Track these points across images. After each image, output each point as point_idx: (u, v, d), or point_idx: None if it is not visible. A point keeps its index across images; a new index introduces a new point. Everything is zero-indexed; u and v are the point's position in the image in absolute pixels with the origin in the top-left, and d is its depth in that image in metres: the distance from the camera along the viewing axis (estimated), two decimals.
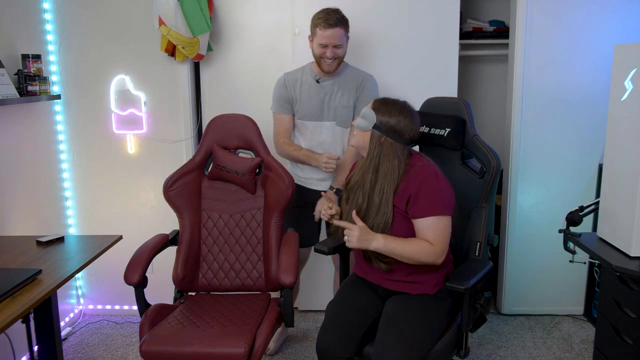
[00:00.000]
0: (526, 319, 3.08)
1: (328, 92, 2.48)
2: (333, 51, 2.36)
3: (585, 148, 2.91)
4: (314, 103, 2.48)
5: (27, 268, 1.83)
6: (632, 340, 1.87)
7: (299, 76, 2.51)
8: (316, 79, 2.48)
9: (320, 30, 2.34)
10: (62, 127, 3.00)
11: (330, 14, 2.34)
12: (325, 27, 2.33)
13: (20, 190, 2.65)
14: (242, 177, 2.43)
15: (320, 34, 2.34)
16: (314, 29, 2.39)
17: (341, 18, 2.37)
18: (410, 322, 1.80)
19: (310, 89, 2.49)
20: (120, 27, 2.90)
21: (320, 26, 2.34)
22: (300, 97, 2.50)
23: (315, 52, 2.41)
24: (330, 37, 2.34)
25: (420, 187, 1.81)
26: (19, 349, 2.47)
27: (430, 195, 1.81)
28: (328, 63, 2.39)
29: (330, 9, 2.37)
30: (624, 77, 1.87)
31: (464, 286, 1.75)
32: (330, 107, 2.49)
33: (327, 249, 2.10)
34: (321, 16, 2.35)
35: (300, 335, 2.93)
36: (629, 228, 1.84)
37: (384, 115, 1.85)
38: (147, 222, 3.04)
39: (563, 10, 2.80)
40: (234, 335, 1.96)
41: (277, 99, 2.54)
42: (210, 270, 2.44)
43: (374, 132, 1.86)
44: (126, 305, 3.18)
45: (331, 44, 2.35)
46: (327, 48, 2.35)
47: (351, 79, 2.49)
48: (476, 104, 3.57)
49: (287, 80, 2.51)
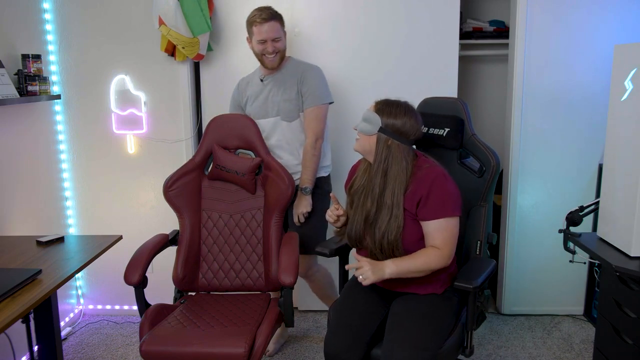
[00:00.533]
0: (526, 319, 3.08)
1: (269, 89, 2.52)
2: (273, 45, 2.41)
3: (585, 148, 2.91)
4: (259, 101, 2.54)
5: (27, 268, 1.83)
6: (632, 340, 1.87)
7: (250, 78, 2.61)
8: (260, 78, 2.55)
9: (256, 27, 2.40)
10: (62, 127, 3.00)
11: (263, 10, 2.41)
12: (261, 22, 2.38)
13: (20, 190, 2.65)
14: (242, 177, 2.43)
15: (257, 30, 2.40)
16: (250, 27, 2.44)
17: (275, 12, 2.43)
18: (420, 322, 1.79)
19: (256, 88, 2.56)
20: (120, 27, 2.90)
21: (255, 23, 2.40)
22: (249, 98, 2.58)
23: (256, 50, 2.46)
24: (268, 32, 2.39)
25: (430, 188, 1.80)
26: (19, 349, 2.47)
27: (440, 196, 1.80)
28: (270, 59, 2.44)
29: (263, 6, 2.44)
30: (624, 77, 1.87)
31: (472, 285, 1.77)
32: (273, 102, 2.52)
33: (328, 252, 2.09)
34: (255, 13, 2.42)
35: (300, 335, 2.93)
36: (629, 228, 1.84)
37: (389, 118, 1.84)
38: (147, 222, 3.04)
39: (563, 10, 2.80)
40: (234, 335, 1.96)
41: (230, 101, 2.67)
42: (210, 270, 2.45)
43: (380, 135, 1.84)
44: (126, 305, 3.18)
45: (269, 38, 2.40)
46: (266, 43, 2.41)
47: (292, 72, 2.51)
48: (476, 104, 3.58)
49: (240, 83, 2.63)
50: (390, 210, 1.83)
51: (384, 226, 1.83)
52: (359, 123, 1.89)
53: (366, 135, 1.87)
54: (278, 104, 2.51)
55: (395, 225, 1.82)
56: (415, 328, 1.76)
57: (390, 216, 1.82)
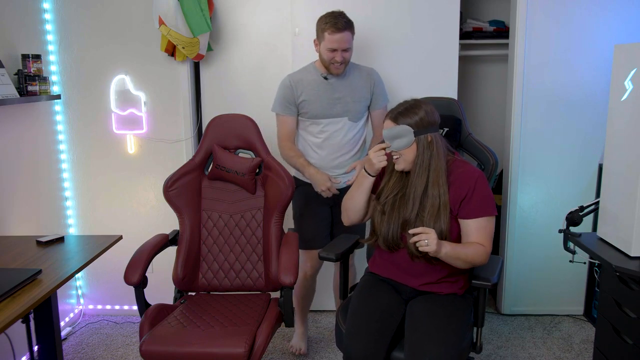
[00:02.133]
0: (526, 319, 3.08)
1: (338, 89, 2.47)
2: (342, 55, 2.35)
3: (585, 148, 2.91)
4: (322, 101, 2.47)
5: (27, 268, 1.83)
6: (632, 340, 1.87)
7: (303, 76, 2.49)
8: (323, 76, 2.47)
9: (329, 35, 2.33)
10: (62, 127, 3.00)
11: (338, 18, 2.33)
12: (334, 32, 2.31)
13: (20, 190, 2.65)
14: (242, 177, 2.43)
15: (329, 38, 2.33)
16: (321, 33, 2.36)
17: (348, 22, 2.36)
18: (444, 320, 1.78)
19: (318, 87, 2.47)
20: (120, 27, 2.90)
21: (328, 31, 2.32)
22: (309, 97, 2.47)
23: (323, 57, 2.40)
24: (340, 41, 2.32)
25: (475, 187, 1.82)
26: (19, 349, 2.47)
27: (483, 195, 1.83)
28: (337, 66, 2.39)
29: (336, 12, 2.37)
30: (624, 77, 1.87)
31: (491, 282, 1.82)
32: (342, 103, 2.48)
33: (334, 256, 2.07)
34: (329, 20, 2.33)
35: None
36: (629, 228, 1.84)
37: (412, 118, 1.83)
38: (147, 222, 3.04)
39: (563, 10, 2.80)
40: (234, 335, 1.96)
41: (281, 101, 2.50)
42: (210, 270, 2.45)
43: (418, 139, 1.83)
44: (126, 305, 3.18)
45: (340, 48, 2.34)
46: (336, 52, 2.34)
47: (359, 74, 2.52)
48: (476, 104, 3.58)
49: (292, 81, 2.48)
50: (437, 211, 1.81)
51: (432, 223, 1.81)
52: (391, 144, 1.85)
53: (407, 149, 1.84)
54: (347, 104, 2.49)
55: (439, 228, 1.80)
56: (441, 326, 1.75)
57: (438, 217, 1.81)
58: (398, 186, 1.92)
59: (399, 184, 1.92)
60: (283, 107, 2.50)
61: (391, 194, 1.91)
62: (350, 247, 2.17)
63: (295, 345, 2.73)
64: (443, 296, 1.90)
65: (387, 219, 1.89)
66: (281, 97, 2.50)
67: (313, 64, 2.51)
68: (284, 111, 2.50)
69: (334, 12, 2.37)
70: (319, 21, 2.39)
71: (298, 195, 2.56)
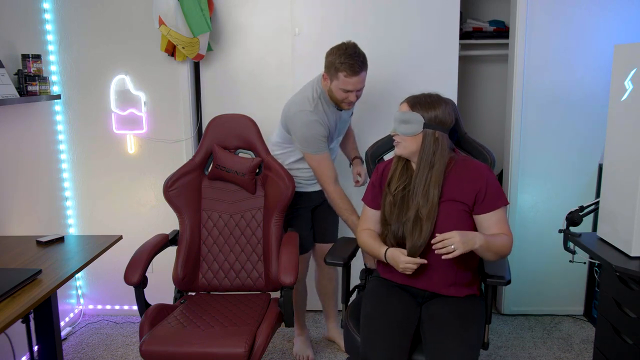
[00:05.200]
0: (526, 319, 3.08)
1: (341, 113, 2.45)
2: (356, 95, 2.27)
3: (585, 148, 2.91)
4: (338, 128, 2.46)
5: (27, 268, 1.83)
6: (632, 340, 1.87)
7: (323, 109, 2.34)
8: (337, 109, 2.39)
9: (344, 77, 2.20)
10: (62, 127, 3.00)
11: (355, 59, 2.19)
12: (351, 75, 2.19)
13: (20, 190, 2.65)
14: (242, 177, 2.43)
15: (345, 80, 2.21)
16: (335, 72, 2.22)
17: (364, 60, 2.23)
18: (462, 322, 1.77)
19: (334, 117, 2.41)
20: (121, 27, 2.90)
21: (344, 73, 2.19)
22: (331, 129, 2.40)
23: (335, 95, 2.28)
24: (357, 83, 2.23)
25: (487, 181, 1.83)
26: (19, 349, 2.47)
27: (496, 187, 1.84)
28: (348, 105, 2.32)
29: (350, 49, 2.21)
30: (624, 77, 1.87)
31: (506, 279, 1.85)
32: (344, 123, 2.50)
33: (342, 261, 2.05)
34: (344, 61, 2.18)
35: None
36: (629, 228, 1.84)
37: (429, 111, 1.81)
38: (147, 222, 3.04)
39: (563, 10, 2.80)
40: (234, 335, 1.96)
41: (318, 139, 2.31)
42: (210, 270, 2.45)
43: (426, 131, 1.82)
44: (126, 305, 3.18)
45: (356, 88, 2.25)
46: (351, 92, 2.25)
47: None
48: (476, 104, 3.58)
49: (320, 117, 2.31)
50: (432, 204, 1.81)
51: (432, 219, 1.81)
52: (397, 127, 1.84)
53: (410, 137, 1.83)
54: (345, 122, 2.51)
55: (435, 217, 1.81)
56: (461, 327, 1.75)
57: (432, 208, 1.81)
58: (405, 176, 1.91)
59: (405, 173, 1.91)
60: (322, 145, 2.33)
61: (400, 184, 1.90)
62: (354, 250, 2.16)
63: (302, 352, 2.68)
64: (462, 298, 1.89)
65: (397, 214, 1.88)
66: (318, 135, 2.31)
67: (322, 93, 2.35)
68: (324, 148, 2.34)
69: (347, 48, 2.21)
70: (331, 56, 2.24)
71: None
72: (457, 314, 1.80)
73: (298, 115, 2.32)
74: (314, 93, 2.34)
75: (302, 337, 2.72)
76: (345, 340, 1.95)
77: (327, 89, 2.31)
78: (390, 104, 2.45)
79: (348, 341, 1.92)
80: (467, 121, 3.56)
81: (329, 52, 2.27)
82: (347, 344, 1.93)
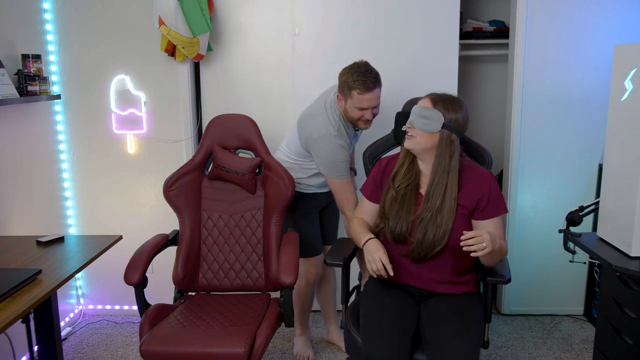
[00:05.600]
0: (526, 319, 3.08)
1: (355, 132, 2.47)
2: (372, 112, 2.26)
3: (585, 148, 2.91)
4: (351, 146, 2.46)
5: (27, 268, 1.83)
6: (632, 340, 1.87)
7: (343, 131, 2.32)
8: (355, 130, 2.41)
9: (358, 95, 2.19)
10: (62, 127, 3.00)
11: (368, 77, 2.18)
12: (364, 91, 2.18)
13: (20, 190, 2.65)
14: (242, 177, 2.43)
15: (359, 98, 2.20)
16: (348, 91, 2.21)
17: (377, 77, 2.22)
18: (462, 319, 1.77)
19: (351, 138, 2.41)
20: (120, 27, 2.90)
21: (357, 90, 2.19)
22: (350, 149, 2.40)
23: (351, 114, 2.26)
24: (371, 101, 2.21)
25: (490, 187, 1.84)
26: (19, 349, 2.47)
27: (498, 194, 1.85)
28: (365, 123, 2.29)
29: (362, 67, 2.20)
30: (624, 77, 1.87)
31: (507, 277, 1.85)
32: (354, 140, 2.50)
33: (342, 261, 2.04)
34: (357, 78, 2.18)
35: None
36: (629, 228, 1.84)
37: (451, 112, 1.79)
38: (147, 222, 3.04)
39: (563, 10, 2.80)
40: (234, 335, 1.96)
41: (344, 163, 2.29)
42: (210, 270, 2.45)
43: (443, 132, 1.79)
44: (126, 305, 3.18)
45: (371, 106, 2.23)
46: (366, 110, 2.24)
47: None
48: (476, 104, 3.58)
49: (345, 141, 2.31)
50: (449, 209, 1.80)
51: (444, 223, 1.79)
52: (415, 120, 1.81)
53: (426, 133, 1.80)
54: (357, 136, 2.51)
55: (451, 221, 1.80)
56: (461, 324, 1.75)
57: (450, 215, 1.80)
58: (410, 173, 1.89)
59: (410, 170, 1.89)
60: (345, 169, 2.31)
61: (404, 181, 1.88)
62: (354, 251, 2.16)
63: (302, 352, 2.67)
64: (460, 295, 1.90)
65: (398, 210, 1.86)
66: (343, 160, 2.29)
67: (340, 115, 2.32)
68: (347, 173, 2.33)
69: (359, 67, 2.21)
70: (344, 76, 2.23)
71: (295, 207, 2.52)
72: (454, 311, 1.80)
73: (323, 139, 2.28)
74: (334, 115, 2.31)
75: (303, 337, 2.72)
76: (346, 341, 1.94)
77: (343, 109, 2.29)
78: (390, 104, 2.45)
79: (349, 342, 1.92)
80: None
81: (342, 72, 2.25)
82: (348, 345, 1.92)
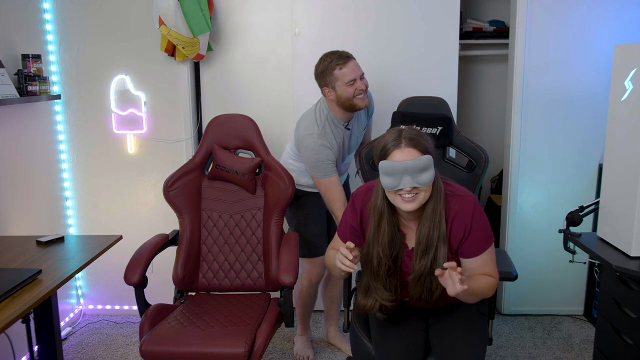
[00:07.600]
0: (526, 319, 3.08)
1: (353, 130, 2.42)
2: (363, 82, 2.24)
3: (585, 148, 2.91)
4: (346, 145, 2.41)
5: (27, 268, 1.83)
6: (632, 340, 1.87)
7: (331, 130, 2.31)
8: (347, 127, 2.35)
9: (340, 70, 2.20)
10: (62, 127, 3.00)
11: (336, 53, 2.23)
12: (344, 62, 2.20)
13: (20, 190, 2.65)
14: (242, 177, 2.43)
15: (342, 72, 2.20)
16: (330, 76, 2.22)
17: (348, 52, 2.25)
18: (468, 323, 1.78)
19: (344, 136, 2.36)
20: (121, 27, 2.90)
21: (337, 66, 2.20)
22: (341, 150, 2.37)
23: (344, 95, 2.22)
24: (354, 69, 2.21)
25: (472, 221, 1.62)
26: (19, 349, 2.47)
27: (484, 228, 1.65)
28: (362, 98, 2.25)
29: (329, 52, 2.26)
30: (624, 77, 1.87)
31: (514, 274, 1.89)
32: (355, 139, 2.46)
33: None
34: (331, 59, 2.22)
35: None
36: (629, 228, 1.84)
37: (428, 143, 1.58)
38: (147, 222, 3.04)
39: (563, 10, 2.80)
40: (234, 335, 1.96)
41: (327, 163, 2.28)
42: (210, 270, 2.45)
43: (436, 171, 1.59)
44: (126, 305, 3.18)
45: (358, 76, 2.22)
46: (356, 82, 2.22)
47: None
48: (476, 104, 3.58)
49: (328, 140, 2.28)
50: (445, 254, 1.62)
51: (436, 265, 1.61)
52: (415, 179, 1.53)
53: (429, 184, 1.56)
54: (357, 139, 2.47)
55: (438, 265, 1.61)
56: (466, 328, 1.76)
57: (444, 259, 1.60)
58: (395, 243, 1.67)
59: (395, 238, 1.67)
60: (330, 168, 2.30)
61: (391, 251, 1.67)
62: None
63: (302, 352, 2.67)
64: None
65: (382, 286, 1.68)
66: (325, 159, 2.28)
67: (329, 115, 2.31)
68: (332, 172, 2.31)
69: (327, 52, 2.26)
70: (320, 66, 2.26)
71: (299, 206, 2.52)
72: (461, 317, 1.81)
73: (306, 139, 2.29)
74: (320, 115, 2.31)
75: (304, 337, 2.72)
76: (353, 344, 1.91)
77: (336, 99, 2.26)
78: (390, 103, 2.45)
79: (356, 345, 1.88)
80: (467, 121, 3.56)
81: (315, 69, 2.28)
82: (355, 349, 1.89)
